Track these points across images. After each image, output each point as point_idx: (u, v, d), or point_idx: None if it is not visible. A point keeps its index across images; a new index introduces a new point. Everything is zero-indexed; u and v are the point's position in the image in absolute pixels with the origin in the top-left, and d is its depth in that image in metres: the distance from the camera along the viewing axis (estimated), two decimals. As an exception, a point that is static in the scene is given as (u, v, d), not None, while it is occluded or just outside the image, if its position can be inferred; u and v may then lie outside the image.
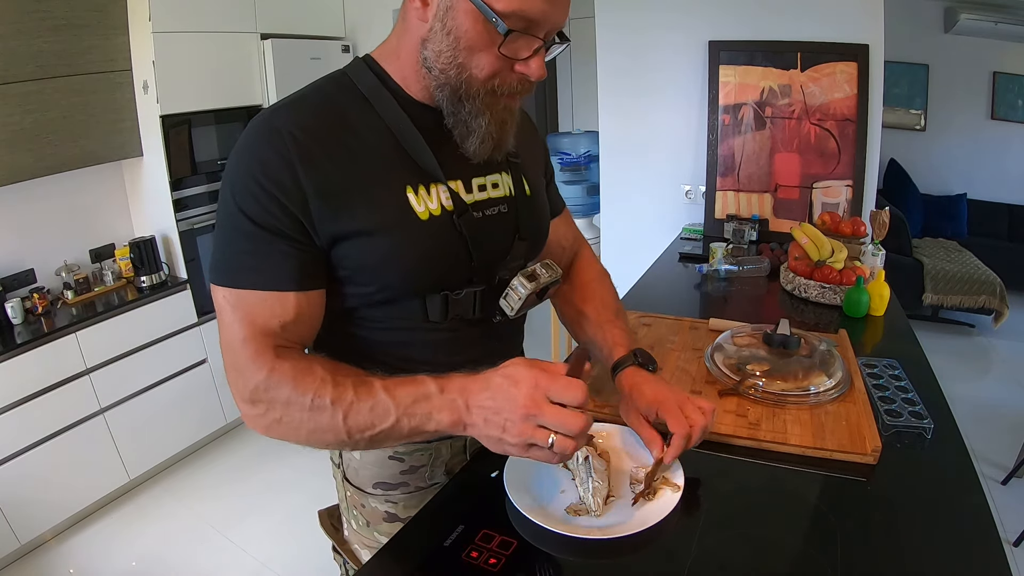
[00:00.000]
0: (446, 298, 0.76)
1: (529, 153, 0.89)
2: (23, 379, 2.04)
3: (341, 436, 0.67)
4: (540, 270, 0.78)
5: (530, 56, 0.68)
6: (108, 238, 2.62)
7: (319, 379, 0.66)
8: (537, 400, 0.61)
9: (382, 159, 0.72)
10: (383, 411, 0.65)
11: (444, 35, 0.67)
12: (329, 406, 0.65)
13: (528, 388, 0.61)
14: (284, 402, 0.66)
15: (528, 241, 0.83)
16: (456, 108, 0.71)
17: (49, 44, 2.15)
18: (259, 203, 0.66)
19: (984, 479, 1.75)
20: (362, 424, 0.66)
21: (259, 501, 2.40)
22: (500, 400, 0.62)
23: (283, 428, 0.68)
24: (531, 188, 0.86)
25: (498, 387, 0.63)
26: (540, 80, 0.70)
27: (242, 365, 0.67)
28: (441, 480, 0.89)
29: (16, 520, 2.04)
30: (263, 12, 2.72)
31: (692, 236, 2.21)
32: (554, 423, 0.60)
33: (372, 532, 0.90)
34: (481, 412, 0.63)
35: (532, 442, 0.61)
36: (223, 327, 0.69)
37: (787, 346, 1.06)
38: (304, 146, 0.67)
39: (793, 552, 0.70)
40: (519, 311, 0.79)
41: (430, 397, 0.65)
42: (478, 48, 0.66)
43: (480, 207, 0.78)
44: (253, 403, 0.68)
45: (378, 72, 0.75)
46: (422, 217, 0.72)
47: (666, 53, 2.33)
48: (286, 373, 0.67)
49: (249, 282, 0.67)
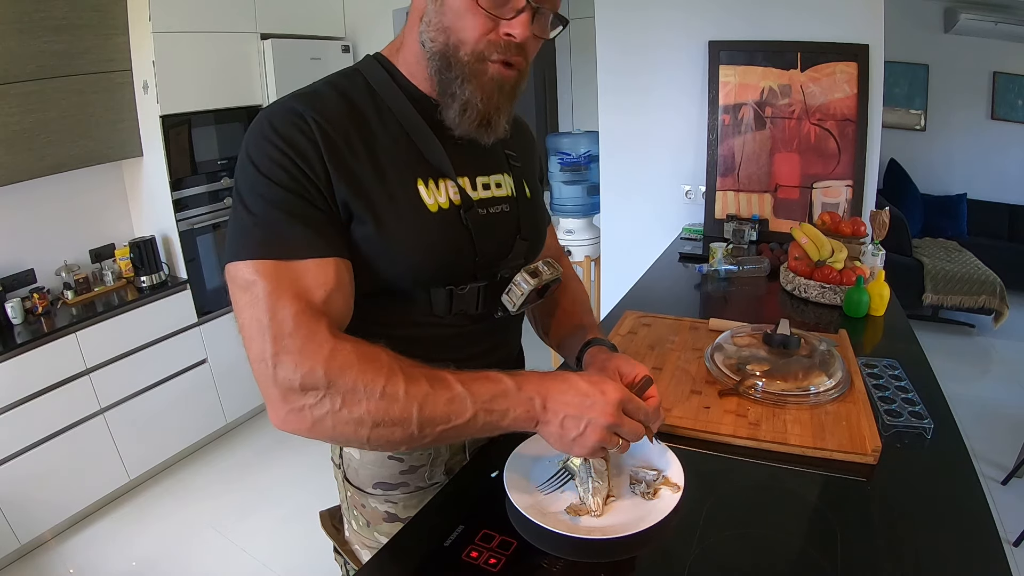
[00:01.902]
0: (450, 292, 0.77)
1: (528, 160, 0.91)
2: (23, 379, 2.04)
3: (410, 430, 0.63)
4: (543, 267, 0.81)
5: (514, 17, 0.69)
6: (108, 238, 2.62)
7: (387, 366, 0.63)
8: (620, 413, 0.67)
9: (394, 152, 0.73)
10: (460, 405, 0.64)
11: (436, 6, 0.70)
12: (403, 396, 0.62)
13: (616, 399, 0.67)
14: (349, 389, 0.61)
15: (528, 241, 0.85)
16: (445, 76, 0.72)
17: (49, 44, 2.16)
18: (284, 169, 0.65)
19: (984, 479, 1.75)
20: (437, 417, 0.63)
21: (259, 501, 2.40)
22: (587, 405, 0.66)
23: (338, 421, 0.61)
24: (531, 192, 0.88)
25: (586, 393, 0.67)
26: (523, 41, 0.70)
27: (294, 346, 0.60)
28: (441, 480, 0.89)
29: (16, 520, 2.04)
30: (263, 12, 2.72)
31: (692, 236, 2.20)
32: (629, 434, 0.69)
33: (372, 532, 0.90)
34: (561, 411, 0.66)
35: (604, 445, 0.68)
36: (253, 306, 0.62)
37: (787, 346, 1.06)
38: (325, 131, 0.68)
39: (793, 552, 0.70)
40: (521, 307, 0.80)
41: (508, 394, 0.66)
42: (463, 10, 0.68)
43: (485, 204, 0.79)
44: (304, 391, 0.60)
45: (388, 68, 0.77)
46: (431, 209, 0.73)
47: (666, 53, 2.33)
48: (350, 356, 0.61)
49: (289, 251, 0.63)
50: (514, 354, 0.96)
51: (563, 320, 1.00)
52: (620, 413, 0.67)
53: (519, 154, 0.87)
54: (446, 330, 0.80)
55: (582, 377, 0.68)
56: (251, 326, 0.62)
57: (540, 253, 0.92)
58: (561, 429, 0.66)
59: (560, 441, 0.67)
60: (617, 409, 0.67)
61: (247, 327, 0.62)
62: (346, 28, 3.23)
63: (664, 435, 0.89)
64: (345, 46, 3.11)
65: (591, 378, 0.68)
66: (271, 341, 0.61)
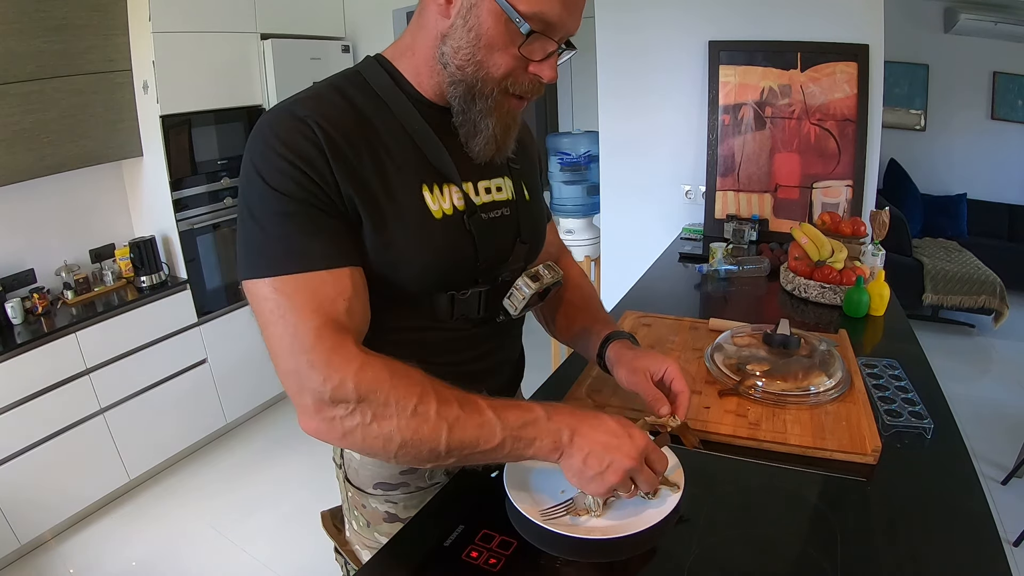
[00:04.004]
0: (452, 298, 0.77)
1: (527, 161, 0.91)
2: (23, 379, 2.04)
3: (438, 450, 0.63)
4: (543, 271, 0.82)
5: (544, 59, 0.70)
6: (108, 238, 2.62)
7: (419, 385, 0.64)
8: (641, 460, 0.68)
9: (400, 157, 0.72)
10: (490, 431, 0.64)
11: (465, 32, 0.68)
12: (434, 416, 0.63)
13: (640, 447, 0.68)
14: (381, 403, 0.62)
15: (528, 244, 0.85)
16: (468, 106, 0.72)
17: (49, 44, 2.16)
18: (295, 181, 0.64)
19: (984, 479, 1.75)
20: (466, 441, 0.64)
21: (259, 501, 2.40)
22: (614, 445, 0.67)
23: (368, 435, 0.62)
24: (530, 194, 0.88)
25: (615, 433, 0.68)
26: (551, 83, 0.72)
27: (319, 360, 0.61)
28: (441, 480, 0.89)
29: (16, 520, 2.04)
30: (263, 12, 2.72)
31: (692, 236, 2.20)
32: (644, 483, 0.69)
33: (373, 532, 0.90)
34: (586, 446, 0.67)
35: (618, 487, 0.68)
36: (276, 322, 0.62)
37: (787, 346, 1.06)
38: (330, 136, 0.66)
39: (793, 552, 0.70)
40: (522, 311, 0.81)
41: (537, 422, 0.67)
42: (497, 47, 0.68)
43: (486, 209, 0.79)
44: (335, 403, 0.61)
45: (391, 71, 0.75)
46: (436, 216, 0.73)
47: (666, 53, 2.33)
48: (382, 371, 0.62)
49: (305, 263, 0.63)
50: (515, 356, 0.96)
51: (574, 316, 1.00)
52: (643, 460, 0.68)
53: (519, 156, 0.87)
54: (447, 334, 0.80)
55: (613, 418, 0.70)
56: (276, 343, 0.63)
57: (541, 253, 0.92)
58: (583, 464, 0.67)
59: (579, 476, 0.68)
60: (641, 455, 0.68)
61: (272, 343, 0.64)
62: (346, 28, 3.22)
63: None
64: (345, 46, 3.10)
65: (621, 420, 0.70)
66: (297, 355, 0.62)
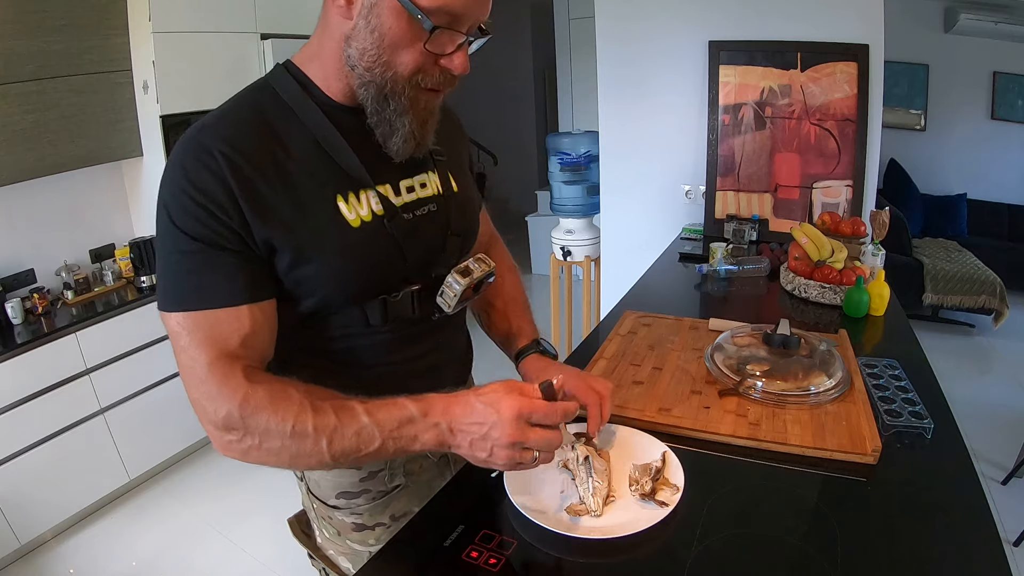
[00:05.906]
0: (384, 302, 0.76)
1: (453, 149, 0.89)
2: (23, 379, 2.04)
3: (325, 460, 0.66)
4: (473, 265, 0.81)
5: (454, 51, 0.69)
6: (108, 238, 2.62)
7: (297, 404, 0.65)
8: (522, 427, 0.65)
9: (311, 170, 0.71)
10: (368, 436, 0.65)
11: (369, 32, 0.67)
12: (311, 433, 0.64)
13: (511, 416, 0.65)
14: (263, 430, 0.65)
15: (461, 236, 0.85)
16: (381, 107, 0.71)
17: (49, 44, 2.16)
18: (197, 219, 0.65)
19: (984, 479, 1.75)
20: (347, 449, 0.65)
21: (259, 501, 2.40)
22: (486, 427, 0.65)
23: (261, 454, 0.66)
24: (458, 184, 0.86)
25: (482, 413, 0.65)
26: (463, 74, 0.71)
27: (211, 391, 0.65)
28: (402, 482, 0.88)
29: (16, 520, 2.04)
30: (263, 12, 2.72)
31: (692, 236, 2.20)
32: (538, 445, 0.66)
33: (344, 540, 0.90)
34: (466, 435, 0.66)
35: (518, 462, 0.66)
36: (181, 353, 0.66)
37: (787, 346, 1.06)
38: (233, 162, 0.66)
39: (793, 552, 0.70)
40: (456, 307, 0.81)
41: (413, 420, 0.66)
42: (403, 45, 0.67)
43: (410, 208, 0.78)
44: (227, 429, 0.65)
45: (299, 78, 0.74)
46: (353, 224, 0.72)
47: (666, 53, 2.33)
48: (262, 399, 0.65)
49: (202, 302, 0.66)
50: (461, 350, 0.95)
51: (497, 322, 1.00)
52: (522, 428, 0.65)
53: (444, 146, 0.85)
54: (385, 336, 0.79)
55: (479, 397, 0.67)
56: (183, 372, 0.67)
57: (475, 243, 0.91)
58: (471, 452, 0.67)
59: (475, 462, 0.68)
60: (516, 426, 0.64)
61: (181, 372, 0.68)
62: (346, 28, 3.22)
63: (664, 435, 0.89)
64: (345, 46, 3.10)
65: (488, 397, 0.66)
66: (194, 387, 0.66)
